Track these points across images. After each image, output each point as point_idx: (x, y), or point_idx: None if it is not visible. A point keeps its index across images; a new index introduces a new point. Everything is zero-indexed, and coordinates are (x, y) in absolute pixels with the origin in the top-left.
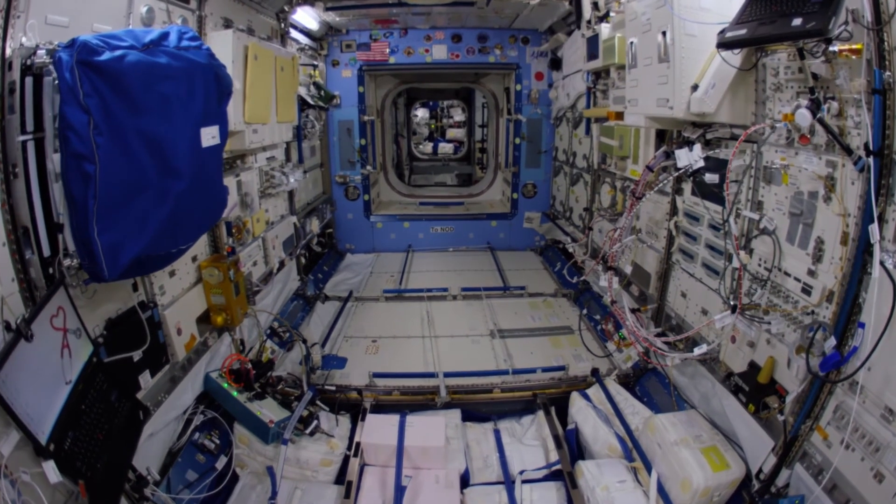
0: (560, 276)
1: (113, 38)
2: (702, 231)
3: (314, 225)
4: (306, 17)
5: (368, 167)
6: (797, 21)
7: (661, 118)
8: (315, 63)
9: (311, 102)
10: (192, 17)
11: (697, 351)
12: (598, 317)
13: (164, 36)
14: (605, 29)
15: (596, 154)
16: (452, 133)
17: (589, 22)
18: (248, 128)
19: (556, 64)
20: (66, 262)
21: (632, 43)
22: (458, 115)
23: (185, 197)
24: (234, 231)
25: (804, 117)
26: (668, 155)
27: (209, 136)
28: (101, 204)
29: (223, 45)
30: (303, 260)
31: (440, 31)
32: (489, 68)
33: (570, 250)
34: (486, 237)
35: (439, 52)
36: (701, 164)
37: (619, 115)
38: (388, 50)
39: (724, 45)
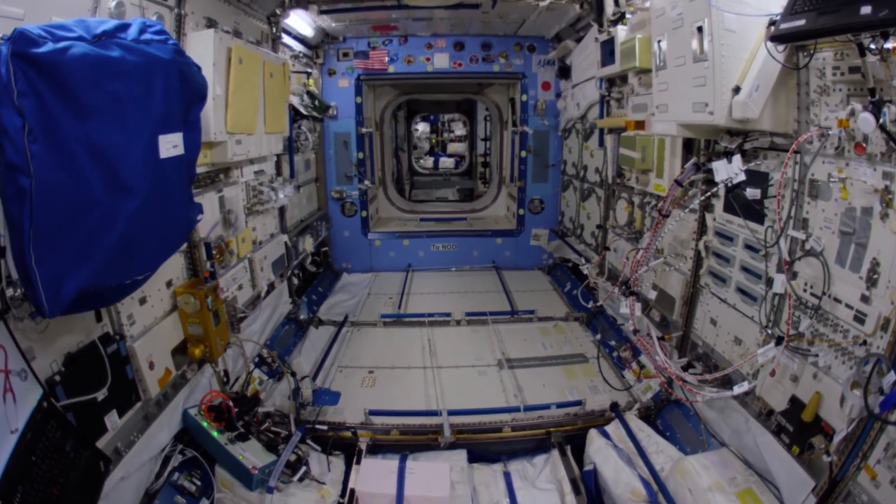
0: (570, 297)
1: (60, 28)
2: (736, 252)
3: (308, 243)
4: (300, 23)
5: (366, 182)
6: (866, 9)
7: (698, 126)
8: (309, 70)
9: (305, 113)
10: (169, 15)
11: (738, 389)
12: (613, 342)
13: (123, 27)
14: (621, 31)
15: (611, 167)
16: (453, 147)
17: (601, 26)
18: (230, 138)
19: (564, 72)
20: (10, 291)
21: (659, 42)
22: (460, 130)
23: (139, 217)
24: (214, 253)
25: (867, 122)
26: (699, 167)
27: (169, 145)
28: (38, 226)
29: (203, 46)
30: (295, 281)
31: (442, 39)
32: (493, 78)
33: (585, 272)
34: (491, 255)
35: (441, 61)
36: (742, 177)
37: (640, 125)
38: (387, 58)
39: (780, 38)
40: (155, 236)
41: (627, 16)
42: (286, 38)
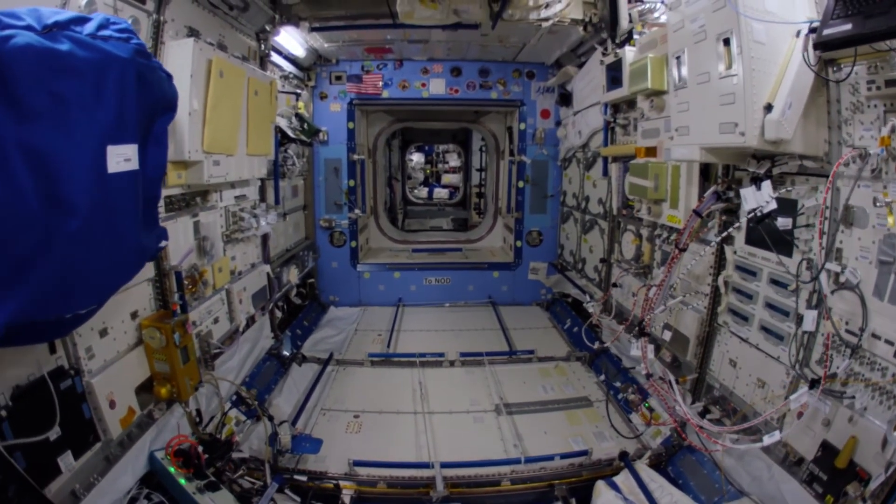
0: (571, 335)
1: (10, 15)
2: (760, 287)
3: (292, 274)
4: (292, 42)
5: (357, 211)
6: None
7: (725, 149)
8: (298, 91)
9: (292, 136)
10: (146, 20)
11: (768, 440)
12: (618, 384)
13: (80, 20)
14: (629, 52)
15: (616, 198)
16: (448, 178)
17: (613, 40)
18: (207, 158)
19: (565, 99)
20: None
21: (678, 59)
22: (454, 161)
23: (80, 240)
24: (186, 283)
25: None
26: (719, 196)
27: (120, 157)
28: None
29: (181, 56)
30: (278, 314)
31: (438, 64)
32: (491, 105)
33: (590, 310)
34: (487, 290)
35: (437, 87)
36: (773, 205)
37: (651, 151)
38: (381, 83)
39: (825, 44)
40: (101, 264)
41: (635, 36)
42: (276, 58)
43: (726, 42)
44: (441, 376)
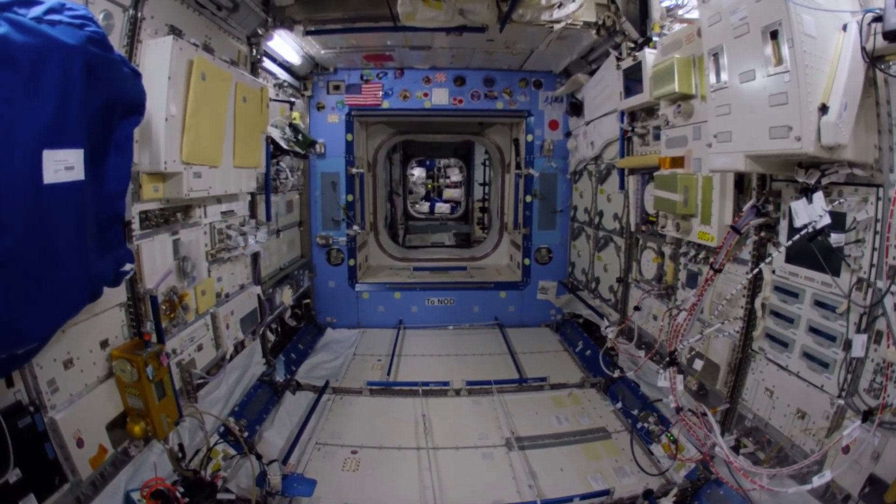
0: (584, 358)
1: None
2: (802, 310)
3: (286, 296)
4: (286, 48)
5: (355, 227)
6: None
7: (775, 157)
8: (292, 100)
9: (285, 147)
10: (120, 15)
11: (818, 480)
12: (636, 412)
13: (29, 2)
14: (650, 55)
15: (633, 213)
16: (449, 193)
17: (620, 54)
18: (187, 169)
19: (575, 109)
20: None
21: (714, 56)
22: (456, 175)
23: (11, 263)
24: (164, 307)
25: None
26: (759, 211)
27: (60, 165)
28: None
29: (159, 55)
30: (272, 337)
31: (441, 73)
32: (496, 116)
33: (609, 335)
34: (494, 311)
35: (440, 97)
36: (827, 219)
37: (677, 162)
38: (381, 93)
39: None
40: (40, 292)
41: (654, 39)
42: (270, 65)
43: (773, 35)
44: (446, 407)
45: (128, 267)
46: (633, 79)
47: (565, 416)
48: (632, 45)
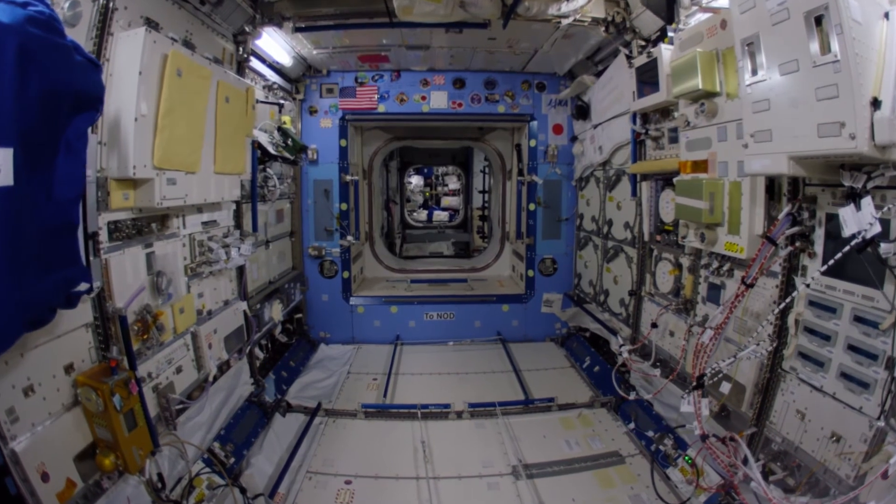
0: (592, 374)
1: None
2: (840, 327)
3: (276, 311)
4: (276, 48)
5: (349, 237)
6: None
7: (822, 157)
8: (280, 102)
9: (273, 152)
10: (89, 5)
11: None
12: (651, 433)
13: None
14: (665, 51)
15: (647, 221)
16: (447, 201)
17: (630, 53)
18: (159, 175)
19: (582, 112)
20: None
21: (749, 46)
22: (454, 183)
23: None
24: (136, 327)
25: None
26: (795, 219)
27: None
28: None
29: (130, 49)
30: (261, 354)
31: (440, 75)
32: (498, 120)
33: (623, 354)
34: (496, 325)
35: (438, 100)
36: (877, 228)
37: (700, 166)
38: (376, 96)
39: None
40: None
41: (670, 34)
42: (259, 66)
43: (817, 21)
44: (447, 431)
45: (83, 286)
46: (647, 77)
47: (575, 440)
48: (643, 44)
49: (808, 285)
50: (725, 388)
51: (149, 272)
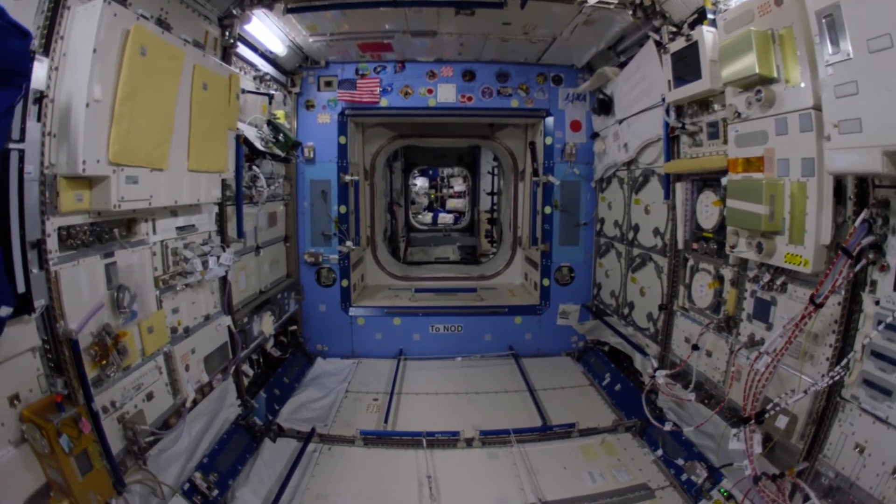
0: (612, 393)
1: None
2: None
3: (266, 324)
4: (268, 34)
5: (349, 243)
6: None
7: None
8: (270, 93)
9: (262, 148)
10: None
11: None
12: (680, 461)
13: None
14: (707, 34)
15: (682, 227)
16: (453, 203)
17: (660, 40)
18: (116, 172)
19: (604, 107)
20: None
21: (826, 20)
22: (459, 185)
23: None
24: (94, 351)
25: None
26: (870, 226)
27: None
28: None
29: (85, 23)
30: (249, 372)
31: (448, 67)
32: (511, 115)
33: (659, 380)
34: (508, 339)
35: (446, 94)
36: None
37: (753, 164)
38: (378, 89)
39: None
40: None
41: (710, 15)
42: (249, 54)
43: None
44: (456, 463)
45: (3, 311)
46: (684, 65)
47: (599, 472)
48: (674, 30)
49: (877, 303)
50: (782, 421)
51: (108, 286)
